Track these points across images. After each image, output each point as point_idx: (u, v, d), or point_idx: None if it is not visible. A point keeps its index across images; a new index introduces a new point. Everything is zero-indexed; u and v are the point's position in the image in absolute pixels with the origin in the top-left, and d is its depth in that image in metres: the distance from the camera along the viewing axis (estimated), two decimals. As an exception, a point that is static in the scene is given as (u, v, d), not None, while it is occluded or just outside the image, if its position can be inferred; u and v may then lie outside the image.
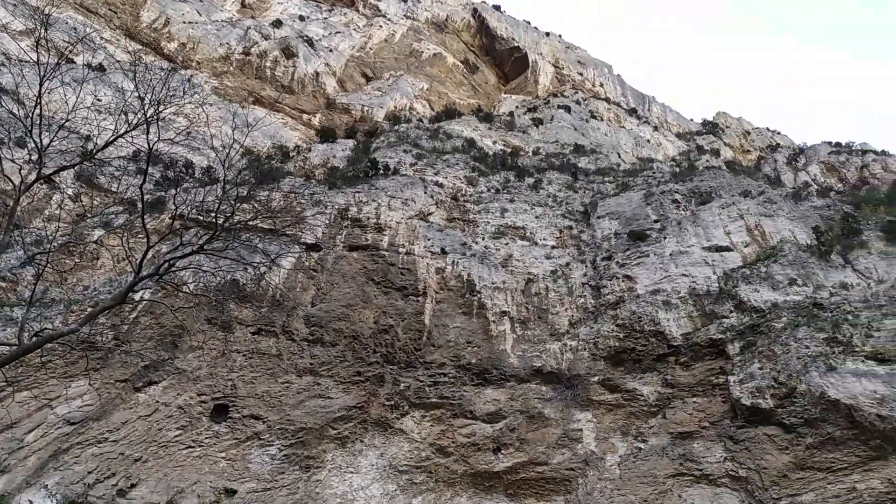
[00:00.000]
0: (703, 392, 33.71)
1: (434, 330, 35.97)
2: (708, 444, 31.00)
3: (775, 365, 31.99)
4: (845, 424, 28.68)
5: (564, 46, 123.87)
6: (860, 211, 47.14)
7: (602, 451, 31.98)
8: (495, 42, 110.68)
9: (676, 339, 35.51)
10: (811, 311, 35.45)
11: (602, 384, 34.56)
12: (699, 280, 39.20)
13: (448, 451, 32.57)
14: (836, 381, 30.01)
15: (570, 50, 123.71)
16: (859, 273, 39.30)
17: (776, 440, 29.62)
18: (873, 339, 33.16)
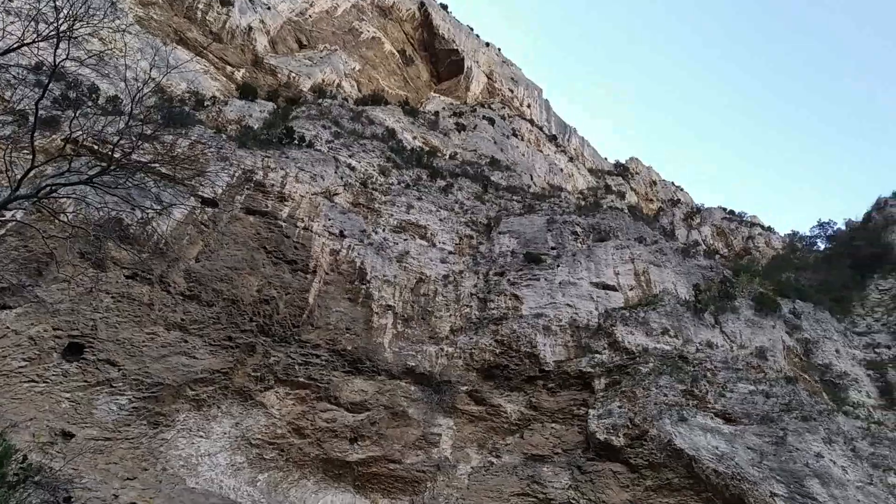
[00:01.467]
0: (563, 420, 34.81)
1: (316, 310, 35.53)
2: (557, 469, 32.01)
3: (634, 406, 33.40)
4: (684, 473, 30.26)
5: (501, 60, 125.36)
6: (738, 278, 49.97)
7: (456, 460, 32.46)
8: (435, 40, 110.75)
9: (549, 365, 36.51)
10: (676, 362, 37.25)
11: (470, 395, 35.11)
12: (581, 313, 40.48)
13: (305, 432, 32.20)
14: (685, 432, 31.64)
15: (505, 65, 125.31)
16: (726, 335, 41.64)
17: (620, 477, 30.91)
18: (724, 399, 35.21)
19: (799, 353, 43.86)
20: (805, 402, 36.40)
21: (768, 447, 32.29)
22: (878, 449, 36.02)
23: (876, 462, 34.93)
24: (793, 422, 34.42)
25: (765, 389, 36.60)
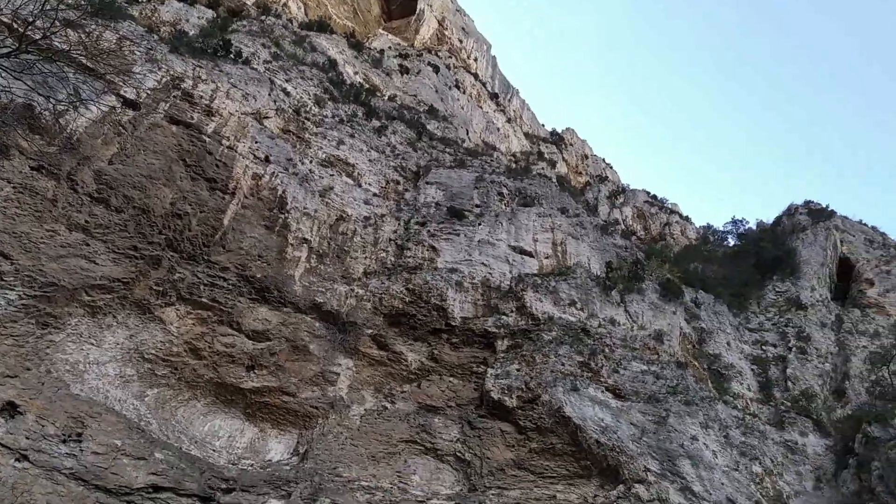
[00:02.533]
0: (462, 375, 35.45)
1: (230, 233, 34.67)
2: (448, 422, 32.69)
3: (531, 371, 34.29)
4: (568, 440, 31.43)
5: (455, 8, 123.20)
6: (649, 262, 51.51)
7: (350, 400, 32.67)
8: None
9: (456, 320, 36.94)
10: (578, 334, 38.34)
11: (373, 339, 35.21)
12: (495, 273, 40.99)
13: (202, 354, 31.70)
14: (576, 402, 32.77)
15: (458, 13, 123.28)
16: (629, 314, 43.04)
17: (507, 437, 31.84)
18: (617, 375, 36.57)
19: (693, 341, 45.81)
20: (691, 387, 38.16)
21: (650, 425, 33.83)
22: (749, 439, 38.24)
23: (744, 451, 37.10)
24: (676, 404, 36.09)
25: (656, 371, 38.16)
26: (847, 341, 51.34)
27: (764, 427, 40.96)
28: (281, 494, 26.89)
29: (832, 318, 54.52)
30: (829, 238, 63.78)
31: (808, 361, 48.89)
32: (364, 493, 27.46)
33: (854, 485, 37.35)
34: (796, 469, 39.18)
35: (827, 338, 51.92)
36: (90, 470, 24.71)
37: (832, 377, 48.63)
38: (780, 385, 46.67)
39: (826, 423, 43.39)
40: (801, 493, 37.88)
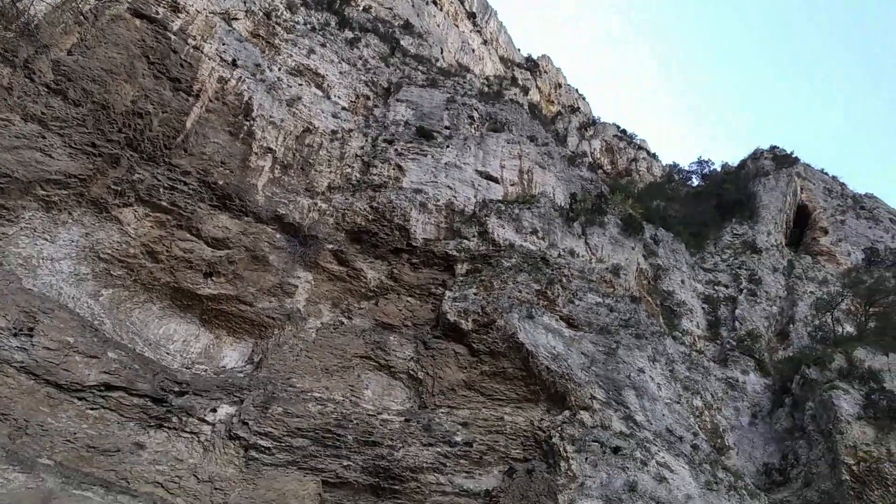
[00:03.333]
0: (420, 296, 35.73)
1: (193, 136, 33.74)
2: (403, 341, 33.10)
3: (489, 296, 34.67)
4: (520, 365, 32.12)
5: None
6: (613, 196, 51.85)
7: (307, 313, 32.79)
8: None
9: (417, 241, 36.95)
10: (538, 263, 38.73)
11: (334, 254, 35.11)
12: (460, 197, 40.88)
13: (159, 257, 31.32)
14: (530, 329, 33.35)
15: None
16: (589, 247, 43.51)
17: (460, 358, 32.39)
18: (572, 306, 37.20)
19: (649, 277, 46.67)
20: (642, 321, 39.03)
21: (600, 356, 34.67)
22: (693, 374, 39.53)
23: (688, 385, 38.39)
24: (627, 337, 36.95)
25: (610, 304, 38.88)
26: (796, 286, 52.80)
27: (708, 364, 42.35)
28: (234, 400, 27.19)
29: (784, 263, 55.88)
30: (791, 184, 64.77)
31: (756, 304, 50.28)
32: (316, 404, 27.89)
33: (787, 422, 39.06)
34: (735, 405, 40.77)
35: (777, 282, 53.31)
36: (41, 365, 24.61)
37: (778, 320, 50.19)
38: (727, 324, 48.05)
39: (767, 363, 44.97)
40: (737, 428, 39.54)
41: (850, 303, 49.97)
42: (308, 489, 26.02)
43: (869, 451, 33.45)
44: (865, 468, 33.10)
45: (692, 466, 31.23)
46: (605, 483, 27.29)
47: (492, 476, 28.88)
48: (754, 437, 39.59)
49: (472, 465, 28.85)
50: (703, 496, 29.99)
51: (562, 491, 26.60)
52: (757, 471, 37.57)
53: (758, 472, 37.53)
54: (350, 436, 27.02)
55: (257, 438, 26.18)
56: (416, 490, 27.37)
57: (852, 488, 32.84)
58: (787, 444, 38.01)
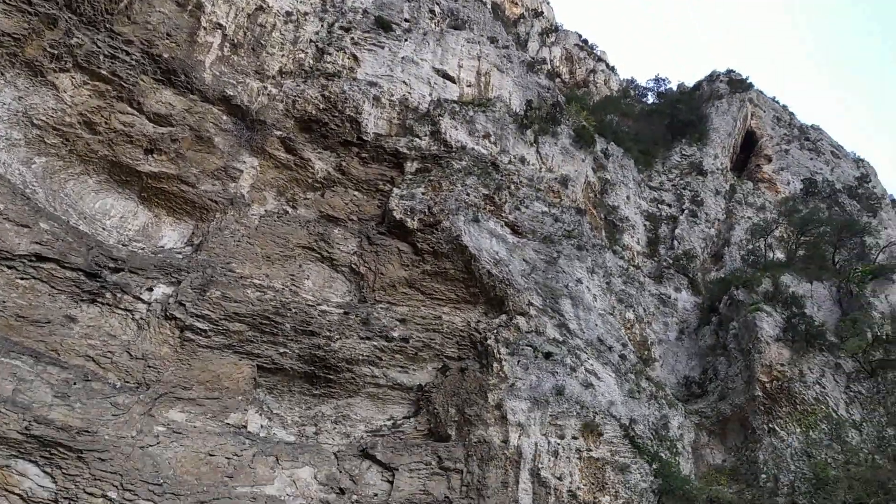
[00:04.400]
0: (367, 191, 35.38)
1: (137, 3, 31.66)
2: (348, 234, 32.94)
3: (436, 196, 34.56)
4: (462, 267, 32.48)
5: None
6: (568, 106, 51.53)
7: (251, 199, 32.19)
8: None
9: (368, 135, 36.22)
10: (488, 167, 38.60)
11: (282, 141, 34.15)
12: (415, 94, 40.00)
13: (98, 129, 29.96)
14: (474, 232, 33.55)
15: None
16: (540, 156, 43.49)
17: (403, 256, 32.51)
18: (518, 213, 37.46)
19: (596, 190, 47.13)
20: (585, 233, 39.66)
21: (541, 264, 35.26)
22: (629, 288, 40.66)
23: (622, 298, 39.53)
24: (569, 247, 37.57)
25: (556, 214, 39.27)
26: (735, 210, 54.16)
27: (644, 279, 43.61)
28: (171, 281, 26.82)
29: (727, 187, 57.06)
30: (742, 110, 65.37)
31: (696, 224, 51.53)
32: (255, 291, 27.79)
33: (711, 340, 40.85)
34: (665, 320, 42.33)
35: (718, 205, 54.58)
36: (-32, 230, 23.69)
37: (715, 242, 51.68)
38: (666, 243, 49.26)
39: (700, 282, 46.55)
40: (665, 342, 41.22)
41: (783, 230, 51.62)
42: (243, 373, 26.27)
43: (783, 371, 35.35)
44: (777, 386, 35.06)
45: (618, 375, 32.59)
46: (534, 385, 28.32)
47: (425, 372, 29.65)
48: (679, 351, 41.39)
49: (408, 360, 29.50)
50: (626, 403, 31.48)
51: (492, 390, 27.51)
52: (678, 382, 39.50)
53: (678, 383, 39.45)
54: (288, 324, 27.15)
55: (194, 320, 26.07)
56: (350, 381, 27.95)
57: (763, 404, 34.86)
58: (709, 360, 39.87)
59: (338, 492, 24.33)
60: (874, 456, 32.62)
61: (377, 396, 28.75)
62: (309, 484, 23.91)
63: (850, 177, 66.43)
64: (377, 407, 28.59)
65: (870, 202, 61.11)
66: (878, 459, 32.33)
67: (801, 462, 32.73)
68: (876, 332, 39.30)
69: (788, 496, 31.67)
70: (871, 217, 57.58)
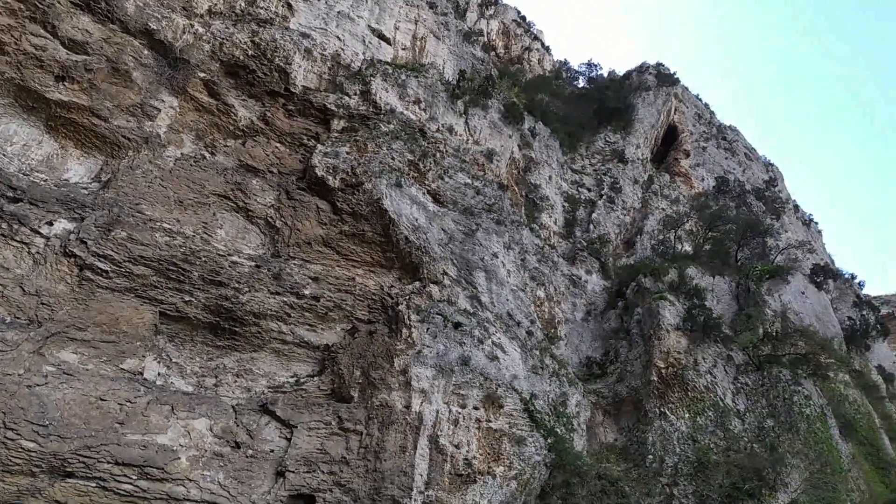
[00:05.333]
0: (290, 144, 34.52)
1: (59, -79, 29.74)
2: (266, 187, 32.09)
3: (361, 157, 34.06)
4: (380, 231, 32.20)
5: None
6: (501, 81, 51.60)
7: (168, 141, 30.89)
8: None
9: (297, 88, 35.28)
10: (415, 133, 38.30)
11: (206, 84, 32.82)
12: (348, 51, 39.16)
13: (6, 49, 27.97)
14: (396, 197, 33.30)
15: None
16: (468, 128, 43.45)
17: (322, 214, 31.96)
18: (441, 182, 37.40)
19: (520, 167, 47.54)
20: (505, 209, 40.00)
21: (459, 234, 35.38)
22: (542, 266, 41.33)
23: (535, 276, 40.16)
24: (488, 221, 37.84)
25: (478, 186, 39.42)
26: (651, 201, 55.71)
27: (558, 259, 44.44)
28: (73, 217, 25.51)
29: (645, 177, 58.58)
30: (667, 104, 67.01)
31: (612, 211, 52.77)
32: (164, 235, 26.79)
33: (616, 323, 42.11)
34: (573, 300, 43.34)
35: (635, 193, 56.01)
36: None
37: (628, 229, 53.09)
38: (582, 226, 50.30)
39: (610, 267, 47.80)
40: (571, 322, 42.22)
41: (693, 224, 53.54)
42: (144, 318, 25.35)
43: (679, 359, 36.85)
44: (672, 373, 36.56)
45: (524, 350, 33.20)
46: (441, 354, 28.53)
47: (334, 332, 29.40)
48: (584, 332, 42.52)
49: (317, 319, 29.16)
50: (528, 378, 32.15)
51: (399, 355, 27.56)
52: (580, 362, 40.63)
53: (580, 363, 40.59)
54: (196, 272, 26.32)
55: (95, 260, 24.92)
56: (255, 335, 27.42)
57: (657, 388, 36.30)
58: (611, 343, 41.16)
59: (233, 445, 23.98)
60: (753, 444, 34.52)
61: (282, 353, 28.33)
62: (204, 436, 23.46)
63: (760, 179, 69.38)
64: (281, 363, 28.19)
65: (775, 205, 64.02)
66: (756, 448, 34.24)
67: (686, 445, 34.32)
68: (767, 329, 41.46)
69: (671, 477, 33.20)
70: (774, 219, 60.39)
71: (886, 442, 42.61)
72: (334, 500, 24.26)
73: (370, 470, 24.91)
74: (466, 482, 26.45)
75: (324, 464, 24.78)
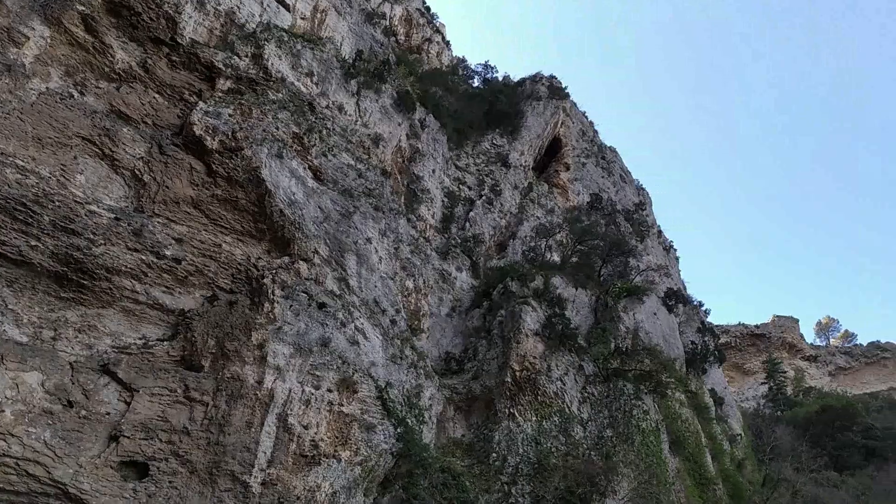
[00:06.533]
0: (170, 97, 32.75)
1: None
2: (138, 137, 30.16)
3: (244, 122, 32.83)
4: (254, 200, 31.16)
5: None
6: (398, 68, 51.32)
7: (33, 72, 28.42)
8: None
9: (184, 39, 33.54)
10: (304, 106, 37.48)
11: (84, 18, 30.38)
12: (244, 11, 37.72)
13: None
14: (275, 167, 32.37)
15: None
16: (359, 108, 42.98)
17: (195, 175, 30.50)
18: (325, 159, 36.80)
19: (406, 157, 47.49)
20: (385, 196, 39.85)
21: (335, 215, 34.89)
22: (414, 258, 41.48)
23: (405, 266, 40.24)
24: (366, 206, 37.57)
25: (361, 170, 39.04)
26: (527, 208, 57.17)
27: (431, 253, 44.70)
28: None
29: (525, 184, 60.01)
30: (555, 116, 68.91)
31: (490, 212, 53.71)
32: (17, 173, 24.66)
33: (478, 322, 42.90)
34: (441, 295, 43.76)
35: (514, 199, 57.27)
36: None
37: (503, 232, 54.21)
38: (459, 223, 50.88)
39: (481, 267, 48.65)
40: (436, 316, 42.62)
41: (564, 236, 55.36)
42: (-19, 259, 23.29)
43: (534, 363, 37.99)
44: (526, 376, 37.65)
45: (385, 339, 33.19)
46: (301, 333, 28.01)
47: (192, 298, 28.15)
48: (447, 327, 43.04)
49: (176, 282, 27.82)
50: (386, 366, 32.17)
51: (258, 329, 26.79)
52: (439, 356, 41.10)
53: (440, 357, 41.07)
54: (47, 217, 24.38)
55: (-67, 190, 22.68)
56: (106, 290, 25.76)
57: (510, 389, 37.29)
58: (472, 341, 41.90)
59: (65, 404, 22.48)
60: (591, 452, 36.18)
61: (133, 313, 26.75)
62: (34, 390, 21.84)
63: (630, 202, 72.71)
64: (130, 323, 26.61)
65: (641, 228, 67.33)
66: (593, 455, 35.90)
67: (529, 447, 35.48)
68: (618, 344, 43.56)
69: (511, 476, 34.23)
70: (638, 241, 63.51)
71: (709, 459, 45.84)
72: (169, 471, 23.29)
73: (212, 443, 24.10)
74: (310, 464, 26.13)
75: (163, 432, 23.72)
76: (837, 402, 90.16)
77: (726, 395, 69.19)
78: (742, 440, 62.67)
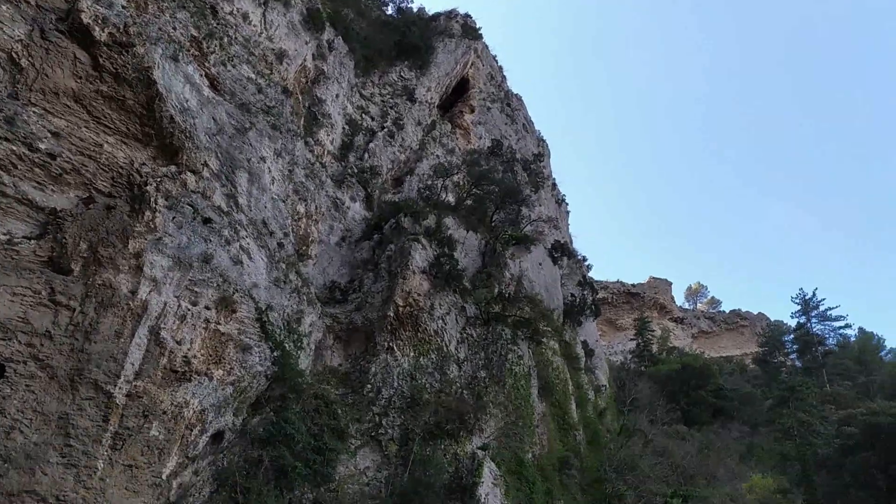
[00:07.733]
0: (57, -22, 30.07)
1: None
2: (18, 17, 27.05)
3: (139, 16, 30.66)
4: (144, 102, 29.14)
5: None
6: None
7: None
8: None
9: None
10: (205, 9, 35.85)
11: None
12: None
13: None
14: (169, 70, 30.55)
15: None
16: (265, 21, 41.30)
17: (79, 66, 28.25)
18: (223, 69, 35.23)
19: (309, 78, 45.98)
20: (284, 115, 38.62)
21: (230, 129, 33.53)
22: (308, 183, 40.63)
23: (298, 190, 39.42)
24: (263, 123, 36.31)
25: (261, 85, 37.61)
26: (428, 146, 56.90)
27: (326, 179, 43.86)
28: None
29: (429, 121, 59.60)
30: (465, 56, 68.43)
31: (390, 146, 53.10)
32: None
33: (367, 254, 42.76)
34: (332, 223, 43.20)
35: (416, 134, 56.81)
36: None
37: (401, 167, 53.84)
38: (358, 153, 50.05)
39: (375, 199, 48.29)
40: (325, 244, 42.12)
41: (461, 178, 55.60)
42: None
43: (418, 301, 38.39)
44: (408, 312, 38.03)
45: (271, 261, 32.55)
46: (182, 246, 27.00)
47: (66, 197, 26.41)
48: (335, 256, 42.65)
49: (49, 178, 25.98)
50: (268, 289, 31.63)
51: (136, 238, 25.58)
52: (324, 285, 40.77)
53: (325, 286, 40.74)
54: None
55: None
56: (-31, 180, 23.85)
57: (391, 324, 37.60)
58: (359, 272, 41.77)
59: (-86, 297, 20.88)
60: (464, 391, 37.26)
61: (-2, 206, 24.95)
62: None
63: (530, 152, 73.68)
64: (-6, 218, 24.83)
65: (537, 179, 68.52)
66: (465, 394, 36.99)
67: (404, 382, 36.08)
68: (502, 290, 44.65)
69: (384, 407, 34.79)
70: (533, 191, 64.63)
71: (574, 406, 48.24)
72: (27, 374, 22.19)
73: (76, 350, 23.09)
74: (181, 380, 25.56)
75: (23, 334, 22.49)
76: (695, 362, 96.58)
77: (597, 348, 72.78)
78: (606, 391, 66.30)
